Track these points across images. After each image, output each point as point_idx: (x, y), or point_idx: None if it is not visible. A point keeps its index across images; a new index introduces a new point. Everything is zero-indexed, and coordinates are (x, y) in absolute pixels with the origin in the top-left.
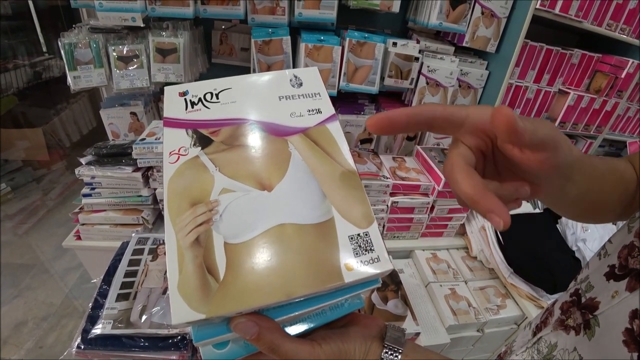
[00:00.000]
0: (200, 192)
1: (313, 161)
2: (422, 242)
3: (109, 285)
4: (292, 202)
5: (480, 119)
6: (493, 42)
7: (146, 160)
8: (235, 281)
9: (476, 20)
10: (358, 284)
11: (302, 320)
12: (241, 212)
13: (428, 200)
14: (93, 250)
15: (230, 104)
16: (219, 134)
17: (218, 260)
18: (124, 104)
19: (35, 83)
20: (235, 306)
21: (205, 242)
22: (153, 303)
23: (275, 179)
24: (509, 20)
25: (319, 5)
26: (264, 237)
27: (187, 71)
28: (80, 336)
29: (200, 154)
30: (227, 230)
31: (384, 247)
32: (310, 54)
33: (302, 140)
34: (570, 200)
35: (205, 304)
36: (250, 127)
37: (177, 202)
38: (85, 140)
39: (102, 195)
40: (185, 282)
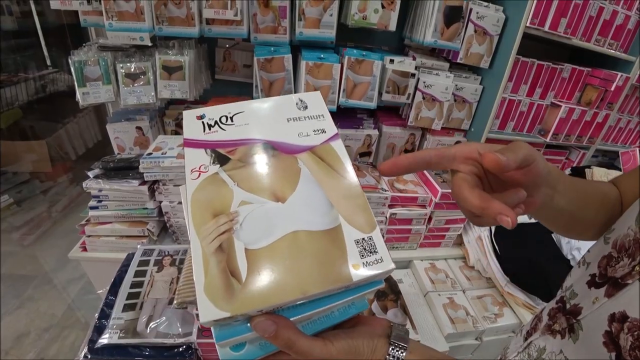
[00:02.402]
0: (221, 205)
1: (320, 175)
2: (420, 253)
3: (115, 295)
4: (303, 211)
5: (468, 150)
6: (486, 58)
7: (153, 174)
8: (256, 282)
9: (469, 37)
10: (364, 284)
11: (313, 322)
12: (259, 221)
13: (426, 211)
14: (98, 262)
15: (244, 125)
16: (235, 152)
17: (240, 264)
18: (129, 119)
19: (40, 97)
20: (256, 304)
21: (227, 249)
22: (159, 313)
23: (287, 192)
24: (500, 37)
25: (319, 24)
26: (280, 242)
27: (192, 88)
28: (86, 346)
29: (220, 171)
30: (247, 237)
31: (386, 249)
32: (311, 72)
33: (309, 157)
34: (559, 211)
35: (230, 304)
36: (263, 146)
37: (201, 214)
38: (91, 153)
39: (108, 208)
40: (210, 285)
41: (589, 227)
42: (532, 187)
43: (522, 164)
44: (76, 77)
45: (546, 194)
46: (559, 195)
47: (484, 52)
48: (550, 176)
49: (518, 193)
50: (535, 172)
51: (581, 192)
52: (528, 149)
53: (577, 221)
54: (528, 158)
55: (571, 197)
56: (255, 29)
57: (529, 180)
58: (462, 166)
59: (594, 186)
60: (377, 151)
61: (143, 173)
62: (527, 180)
